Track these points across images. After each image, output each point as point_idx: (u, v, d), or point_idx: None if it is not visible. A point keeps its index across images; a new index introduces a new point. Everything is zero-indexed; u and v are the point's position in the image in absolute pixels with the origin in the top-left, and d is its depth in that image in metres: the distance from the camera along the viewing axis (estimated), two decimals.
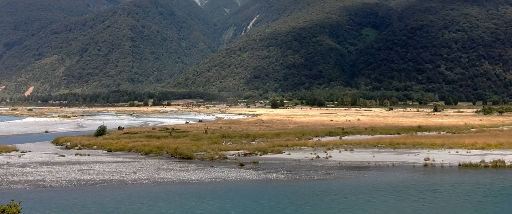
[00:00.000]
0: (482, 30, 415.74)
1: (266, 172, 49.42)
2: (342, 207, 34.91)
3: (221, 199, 37.09)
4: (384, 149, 64.17)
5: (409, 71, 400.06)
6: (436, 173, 49.09)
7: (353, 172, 49.53)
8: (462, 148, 63.55)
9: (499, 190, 41.23)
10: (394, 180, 45.06)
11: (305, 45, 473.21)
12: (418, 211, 33.72)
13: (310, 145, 68.51)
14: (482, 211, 34.31)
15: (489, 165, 52.24)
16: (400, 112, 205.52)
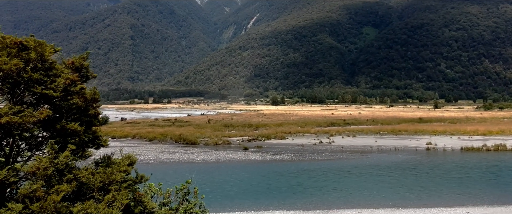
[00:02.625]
0: (482, 29, 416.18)
1: (271, 154, 49.90)
2: (346, 180, 35.41)
3: (227, 174, 37.64)
4: (386, 135, 64.59)
5: (409, 69, 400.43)
6: (439, 155, 49.56)
7: (356, 154, 49.99)
8: (464, 134, 64.01)
9: (498, 164, 41.90)
10: (397, 160, 45.57)
11: (306, 43, 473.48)
12: (421, 182, 34.23)
13: (313, 132, 68.91)
14: (485, 181, 34.90)
15: (491, 148, 52.78)
16: (400, 108, 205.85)
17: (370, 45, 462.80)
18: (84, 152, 6.60)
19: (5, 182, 5.53)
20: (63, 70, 6.66)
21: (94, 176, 6.22)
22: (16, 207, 5.36)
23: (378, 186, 33.17)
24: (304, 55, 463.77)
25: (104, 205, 5.84)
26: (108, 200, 5.98)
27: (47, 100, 6.37)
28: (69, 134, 6.40)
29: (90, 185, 6.02)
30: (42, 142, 6.38)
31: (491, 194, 30.41)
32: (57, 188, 5.55)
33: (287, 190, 32.37)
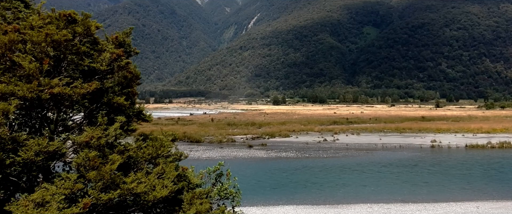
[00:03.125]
0: (483, 28, 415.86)
1: (276, 152, 49.95)
2: (353, 177, 35.44)
3: (233, 171, 37.69)
4: (390, 133, 64.62)
5: (410, 69, 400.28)
6: (444, 153, 49.59)
7: (361, 152, 50.02)
8: (468, 132, 64.02)
9: (503, 161, 41.95)
10: (402, 157, 45.60)
11: (306, 43, 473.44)
12: (429, 179, 34.27)
13: (317, 130, 68.94)
14: (492, 177, 34.93)
15: (496, 146, 52.81)
16: (402, 108, 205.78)
17: (371, 45, 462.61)
18: (129, 126, 6.65)
19: (57, 152, 5.58)
20: (107, 45, 6.71)
21: (141, 150, 6.27)
22: (71, 177, 5.41)
23: (385, 182, 33.19)
24: (305, 55, 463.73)
25: (154, 176, 5.89)
26: (157, 172, 6.03)
27: (93, 74, 6.41)
28: (115, 108, 6.45)
29: (138, 158, 6.07)
30: (89, 116, 6.42)
31: (498, 189, 30.42)
32: (112, 157, 5.60)
33: (295, 186, 32.39)
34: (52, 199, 5.15)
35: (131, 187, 5.53)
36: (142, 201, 5.65)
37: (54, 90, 5.59)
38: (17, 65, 5.63)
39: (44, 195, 5.14)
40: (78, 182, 5.41)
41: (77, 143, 5.85)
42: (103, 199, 5.33)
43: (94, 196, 5.33)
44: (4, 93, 5.42)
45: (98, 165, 5.43)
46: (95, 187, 5.40)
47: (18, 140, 5.53)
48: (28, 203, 5.02)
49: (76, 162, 5.58)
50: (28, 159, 5.38)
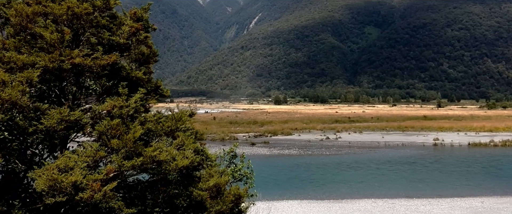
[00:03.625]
0: (485, 28, 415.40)
1: (278, 149, 49.97)
2: (356, 174, 35.45)
3: None
4: (393, 132, 64.61)
5: (411, 69, 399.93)
6: (447, 151, 49.56)
7: (364, 150, 50.02)
8: (470, 130, 63.97)
9: (506, 159, 41.99)
10: (405, 155, 45.58)
11: (308, 43, 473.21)
12: (432, 175, 34.27)
13: (319, 129, 68.97)
14: (496, 174, 34.94)
15: (499, 144, 52.76)
16: (403, 108, 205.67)
17: (373, 45, 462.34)
18: (148, 101, 6.68)
19: (78, 121, 5.61)
20: (126, 20, 6.74)
21: (160, 124, 6.31)
22: (93, 145, 5.44)
23: (389, 179, 33.20)
24: (307, 55, 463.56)
25: (174, 148, 5.92)
26: (177, 143, 6.07)
27: (112, 48, 6.44)
28: (134, 82, 6.48)
29: (157, 131, 6.10)
30: (109, 89, 6.45)
31: (502, 185, 30.41)
32: (133, 126, 5.63)
33: (298, 182, 32.41)
34: (75, 165, 5.21)
35: (154, 155, 5.56)
36: (164, 170, 5.69)
37: (75, 61, 5.62)
38: (37, 37, 5.66)
39: (67, 162, 5.20)
40: (100, 150, 5.45)
41: (98, 113, 5.88)
42: (127, 166, 5.37)
43: (117, 163, 5.37)
44: (26, 64, 5.45)
45: (120, 133, 5.46)
46: (118, 154, 5.44)
47: (40, 108, 5.57)
48: (52, 168, 5.07)
49: (98, 130, 5.61)
50: (51, 127, 5.41)
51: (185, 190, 6.03)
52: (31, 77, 5.27)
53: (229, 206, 6.39)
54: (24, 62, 5.42)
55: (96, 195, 4.89)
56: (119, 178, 5.52)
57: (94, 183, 5.09)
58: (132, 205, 5.56)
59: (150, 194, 5.86)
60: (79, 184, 4.88)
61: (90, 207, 5.16)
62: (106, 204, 5.13)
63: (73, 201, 5.06)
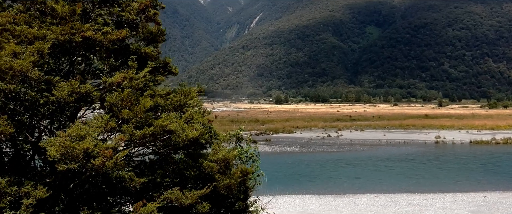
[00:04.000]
0: (486, 28, 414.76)
1: (280, 147, 50.00)
2: (358, 170, 35.46)
3: None
4: (394, 130, 64.61)
5: (412, 69, 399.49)
6: (448, 148, 49.57)
7: (366, 147, 50.03)
8: (472, 129, 63.98)
9: (507, 156, 41.98)
10: (407, 152, 45.58)
11: (309, 43, 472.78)
12: (434, 172, 34.29)
13: (320, 127, 68.98)
14: (497, 171, 34.95)
15: (500, 142, 52.74)
16: (404, 107, 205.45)
17: (374, 45, 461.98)
18: (156, 76, 6.72)
19: (89, 94, 5.66)
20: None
21: (169, 99, 6.36)
22: (104, 116, 5.49)
23: (391, 175, 33.22)
24: (307, 54, 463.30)
25: (183, 121, 5.97)
26: (186, 117, 6.11)
27: (122, 24, 6.49)
28: (143, 58, 6.52)
29: (166, 106, 6.14)
30: (118, 66, 6.51)
31: (504, 182, 30.41)
32: (144, 97, 5.68)
33: (300, 177, 32.45)
34: (87, 134, 5.28)
35: (164, 125, 5.61)
36: (173, 142, 5.73)
37: (86, 34, 5.67)
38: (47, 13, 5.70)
39: (78, 131, 5.27)
40: (111, 121, 5.50)
41: (109, 84, 5.93)
42: (138, 135, 5.43)
43: (128, 132, 5.42)
44: (37, 37, 5.49)
45: (131, 104, 5.51)
46: (129, 124, 5.49)
47: (51, 81, 5.61)
48: (65, 136, 5.13)
49: (109, 101, 5.65)
50: (62, 99, 5.46)
51: (195, 161, 6.08)
52: (42, 49, 5.31)
53: (237, 181, 6.43)
54: (35, 35, 5.46)
55: (107, 163, 4.94)
56: (130, 148, 5.58)
57: (105, 150, 5.15)
58: (142, 176, 5.61)
59: (160, 165, 5.92)
60: (91, 151, 4.94)
61: (100, 177, 5.21)
62: (117, 173, 5.18)
63: (84, 168, 5.13)
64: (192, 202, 5.64)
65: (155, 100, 5.98)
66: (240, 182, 6.61)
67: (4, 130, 4.97)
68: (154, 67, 6.57)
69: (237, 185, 6.53)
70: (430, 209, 21.89)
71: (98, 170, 5.13)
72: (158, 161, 6.13)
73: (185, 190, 5.75)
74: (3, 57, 5.13)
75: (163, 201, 5.58)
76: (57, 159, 4.91)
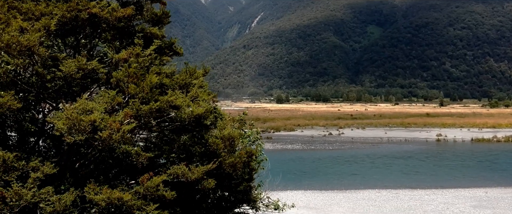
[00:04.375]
0: (487, 28, 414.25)
1: (281, 144, 50.02)
2: (359, 167, 35.48)
3: None
4: (396, 128, 64.62)
5: (413, 68, 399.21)
6: (449, 146, 49.55)
7: (367, 145, 50.04)
8: (473, 127, 63.95)
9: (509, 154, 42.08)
10: (408, 150, 45.57)
11: (310, 42, 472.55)
12: (435, 169, 34.31)
13: (322, 125, 68.99)
14: (499, 167, 34.97)
15: (502, 139, 52.71)
16: (406, 106, 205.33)
17: (375, 44, 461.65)
18: (162, 57, 6.75)
19: (95, 71, 5.70)
20: None
21: (174, 79, 6.39)
22: (110, 92, 5.52)
23: (392, 172, 33.24)
24: (309, 54, 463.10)
25: (189, 98, 6.00)
26: (192, 95, 6.14)
27: (127, 4, 6.52)
28: (148, 38, 6.55)
29: (172, 85, 6.16)
30: (124, 46, 6.53)
31: (506, 178, 30.41)
32: (150, 73, 5.71)
33: (302, 174, 32.47)
34: (94, 108, 5.33)
35: (171, 100, 5.64)
36: (179, 118, 5.76)
37: (92, 10, 5.71)
38: None
39: (85, 106, 5.32)
40: (118, 96, 5.53)
41: (115, 61, 5.96)
42: (144, 110, 5.46)
43: (135, 107, 5.45)
44: (44, 14, 5.53)
45: (138, 79, 5.55)
46: (135, 99, 5.53)
47: (58, 57, 5.65)
48: (72, 110, 5.18)
49: (115, 77, 5.69)
50: (69, 74, 5.50)
51: (200, 138, 6.12)
52: (48, 25, 5.34)
53: (242, 160, 6.46)
54: (41, 12, 5.50)
55: (114, 135, 4.98)
56: (137, 123, 5.62)
57: (113, 123, 5.19)
58: (149, 151, 5.65)
59: (166, 142, 5.96)
60: (98, 124, 4.99)
61: (107, 153, 5.25)
62: (123, 149, 5.22)
63: (91, 141, 5.17)
64: (198, 177, 5.67)
65: (161, 77, 6.01)
66: (245, 163, 6.64)
67: (11, 105, 5.02)
68: (159, 47, 6.60)
69: (242, 166, 6.56)
70: (431, 203, 21.91)
71: (105, 142, 5.18)
72: (164, 138, 6.17)
73: (191, 165, 5.78)
74: (10, 32, 5.17)
75: (169, 176, 5.62)
76: (64, 132, 4.96)
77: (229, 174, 6.41)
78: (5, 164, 4.93)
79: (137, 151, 5.55)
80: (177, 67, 7.02)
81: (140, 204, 5.23)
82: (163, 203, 5.34)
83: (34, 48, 5.26)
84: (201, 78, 6.84)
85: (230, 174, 6.39)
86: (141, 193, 5.32)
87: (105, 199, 5.07)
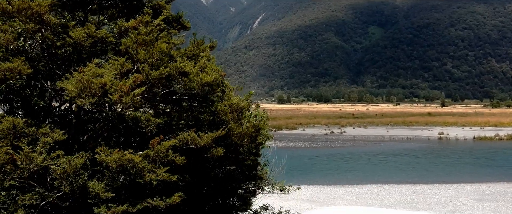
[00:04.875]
0: (489, 28, 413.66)
1: (283, 142, 49.97)
2: (361, 164, 35.47)
3: None
4: (397, 126, 64.60)
5: (415, 69, 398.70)
6: (452, 144, 49.52)
7: (369, 143, 50.02)
8: (475, 125, 63.89)
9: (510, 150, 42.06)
10: (410, 147, 45.52)
11: (311, 43, 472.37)
12: (437, 166, 34.28)
13: (324, 123, 68.98)
14: (501, 164, 34.94)
15: (504, 138, 52.64)
16: (407, 106, 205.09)
17: (376, 45, 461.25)
18: (169, 30, 6.77)
19: (104, 39, 5.72)
20: None
21: (181, 51, 6.42)
22: (119, 59, 5.55)
23: (394, 168, 33.24)
24: (310, 54, 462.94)
25: (198, 68, 6.02)
26: (200, 65, 6.16)
27: None
28: (155, 10, 6.58)
29: (178, 56, 6.18)
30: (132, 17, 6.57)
31: (508, 174, 30.36)
32: (159, 42, 5.73)
33: (304, 170, 32.47)
34: (104, 73, 5.37)
35: (180, 66, 5.67)
36: (189, 86, 5.79)
37: None
38: None
39: (95, 71, 5.37)
40: (127, 63, 5.57)
41: (124, 29, 5.99)
42: (153, 75, 5.50)
43: (144, 72, 5.49)
44: None
45: (147, 45, 5.58)
46: (145, 64, 5.57)
47: (67, 25, 5.69)
48: (83, 74, 5.22)
49: (124, 44, 5.71)
50: (78, 41, 5.53)
51: (209, 106, 6.15)
52: None
53: (250, 131, 6.49)
54: None
55: (124, 99, 5.02)
56: (147, 87, 5.64)
57: (123, 85, 5.23)
58: (158, 117, 5.68)
59: (175, 109, 5.98)
60: (108, 88, 5.04)
61: (117, 119, 5.27)
62: (133, 115, 5.25)
63: (102, 105, 5.20)
64: (207, 144, 5.70)
65: (170, 45, 6.03)
66: (252, 137, 6.67)
67: (22, 70, 5.05)
68: (167, 19, 6.63)
69: (249, 139, 6.59)
70: (434, 197, 21.91)
71: (115, 106, 5.21)
72: (173, 105, 6.20)
73: (200, 132, 5.81)
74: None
75: (179, 142, 5.64)
76: (75, 95, 5.01)
77: (237, 145, 6.44)
78: (15, 129, 4.97)
79: (147, 117, 5.58)
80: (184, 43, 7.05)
81: (150, 167, 5.28)
82: (173, 168, 5.37)
83: (44, 15, 5.31)
84: (208, 51, 6.88)
85: (237, 145, 6.42)
86: (151, 157, 5.37)
87: (117, 160, 5.10)
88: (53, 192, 5.15)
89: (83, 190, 5.23)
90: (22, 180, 5.04)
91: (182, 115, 6.05)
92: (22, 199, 5.07)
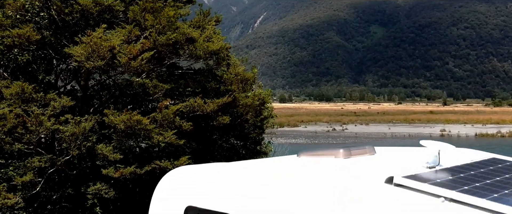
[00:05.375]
0: (491, 27, 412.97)
1: (285, 139, 49.87)
2: None
3: None
4: (399, 124, 64.62)
5: (417, 68, 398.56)
6: (453, 141, 49.48)
7: (370, 140, 50.04)
8: (477, 123, 63.89)
9: None
10: (412, 144, 45.38)
11: (313, 42, 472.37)
12: None
13: (325, 121, 69.04)
14: None
15: (506, 135, 52.64)
16: (409, 105, 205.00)
17: (378, 44, 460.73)
18: (176, 3, 6.84)
19: (111, 8, 5.78)
20: None
21: (187, 23, 6.48)
22: (127, 27, 5.61)
23: None
24: (311, 54, 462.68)
25: (204, 37, 6.08)
26: (206, 36, 6.22)
27: None
28: None
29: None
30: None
31: None
32: (166, 9, 5.79)
33: None
34: (112, 37, 5.41)
35: (187, 32, 5.73)
36: (195, 53, 5.84)
37: None
38: None
39: (103, 36, 5.40)
40: (135, 29, 5.63)
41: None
42: (161, 41, 5.54)
43: (152, 37, 5.54)
44: None
45: (155, 10, 5.63)
46: (152, 30, 5.62)
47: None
48: (92, 37, 5.28)
49: (132, 10, 5.77)
50: (86, 7, 5.59)
51: (215, 74, 6.21)
52: None
53: (255, 103, 6.55)
54: None
55: (133, 63, 5.07)
56: (155, 52, 5.69)
57: (132, 48, 5.28)
58: (165, 83, 5.73)
59: (182, 76, 6.04)
60: (116, 52, 5.09)
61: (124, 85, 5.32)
62: (140, 81, 5.29)
63: (111, 64, 5.25)
64: (213, 110, 5.77)
65: (177, 15, 6.10)
66: (257, 110, 6.72)
67: (31, 36, 5.10)
68: None
69: (254, 113, 6.64)
70: None
71: (123, 69, 5.26)
72: (180, 72, 6.27)
73: (206, 99, 5.87)
74: None
75: (186, 107, 5.70)
76: (83, 58, 5.05)
77: (242, 116, 6.49)
78: (24, 93, 5.03)
79: (154, 83, 5.64)
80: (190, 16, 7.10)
81: (158, 131, 5.32)
82: (180, 133, 5.43)
83: None
84: (212, 25, 6.94)
85: (243, 116, 6.47)
86: (158, 121, 5.40)
87: (125, 120, 5.12)
88: (61, 156, 5.20)
89: (91, 152, 5.27)
90: (30, 146, 5.09)
91: (189, 82, 6.11)
92: (31, 162, 5.11)
